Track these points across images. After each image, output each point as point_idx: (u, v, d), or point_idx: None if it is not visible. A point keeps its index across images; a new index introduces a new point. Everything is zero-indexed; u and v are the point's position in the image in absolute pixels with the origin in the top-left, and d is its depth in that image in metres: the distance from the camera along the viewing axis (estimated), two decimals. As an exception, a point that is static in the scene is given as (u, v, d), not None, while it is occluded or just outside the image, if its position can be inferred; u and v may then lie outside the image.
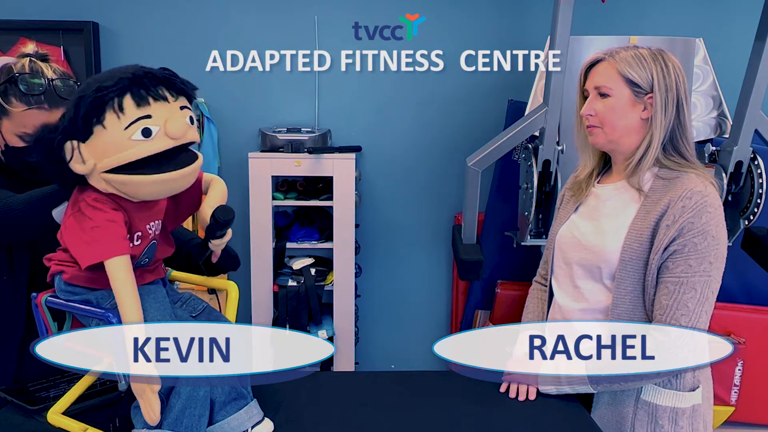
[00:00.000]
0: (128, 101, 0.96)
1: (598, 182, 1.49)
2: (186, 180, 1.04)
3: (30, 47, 1.39)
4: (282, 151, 3.05)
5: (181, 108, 1.02)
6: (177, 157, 1.01)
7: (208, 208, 1.12)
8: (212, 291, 2.92)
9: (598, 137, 1.41)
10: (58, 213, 1.15)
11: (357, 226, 3.14)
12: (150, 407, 1.02)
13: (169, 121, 0.98)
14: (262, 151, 3.09)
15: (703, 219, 1.30)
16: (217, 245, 1.17)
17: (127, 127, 0.96)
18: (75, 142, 0.99)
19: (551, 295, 1.52)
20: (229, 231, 1.17)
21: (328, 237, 3.15)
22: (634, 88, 1.36)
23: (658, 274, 1.34)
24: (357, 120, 3.29)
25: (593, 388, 1.33)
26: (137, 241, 1.09)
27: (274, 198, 3.07)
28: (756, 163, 2.49)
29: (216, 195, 1.15)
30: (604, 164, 1.51)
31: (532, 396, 1.35)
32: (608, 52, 1.39)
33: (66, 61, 3.17)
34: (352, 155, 3.04)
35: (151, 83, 0.98)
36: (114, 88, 0.96)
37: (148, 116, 0.97)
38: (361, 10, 3.12)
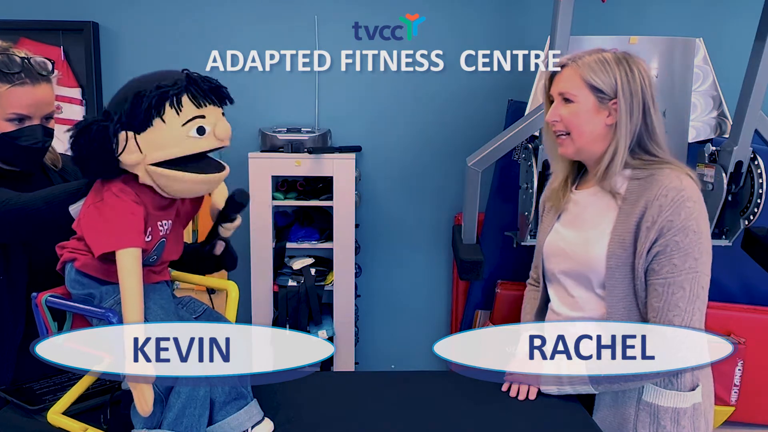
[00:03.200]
0: (186, 100, 1.03)
1: (575, 188, 1.47)
2: (216, 184, 1.11)
3: None
4: (282, 151, 3.05)
5: (222, 114, 1.09)
6: (208, 161, 1.08)
7: (220, 198, 1.22)
8: (212, 291, 2.92)
9: (566, 147, 1.39)
10: (75, 209, 1.16)
11: (357, 226, 3.14)
12: (143, 398, 1.02)
13: (218, 124, 1.05)
14: (262, 151, 3.09)
15: (682, 215, 1.29)
16: (228, 229, 1.24)
17: (184, 124, 1.03)
18: (131, 133, 1.02)
19: (545, 294, 1.52)
20: (239, 219, 1.24)
21: (328, 237, 3.15)
22: (598, 95, 1.34)
23: (646, 277, 1.32)
24: (357, 120, 3.29)
25: (594, 388, 1.33)
26: (148, 237, 1.11)
27: (274, 198, 3.07)
28: (756, 163, 2.49)
29: (223, 190, 1.23)
30: (579, 169, 1.48)
31: (533, 396, 1.35)
32: (572, 57, 1.37)
33: (66, 61, 3.17)
34: (352, 155, 3.04)
35: (204, 87, 1.05)
36: (174, 87, 1.02)
37: (203, 116, 1.04)
38: (361, 10, 3.13)
